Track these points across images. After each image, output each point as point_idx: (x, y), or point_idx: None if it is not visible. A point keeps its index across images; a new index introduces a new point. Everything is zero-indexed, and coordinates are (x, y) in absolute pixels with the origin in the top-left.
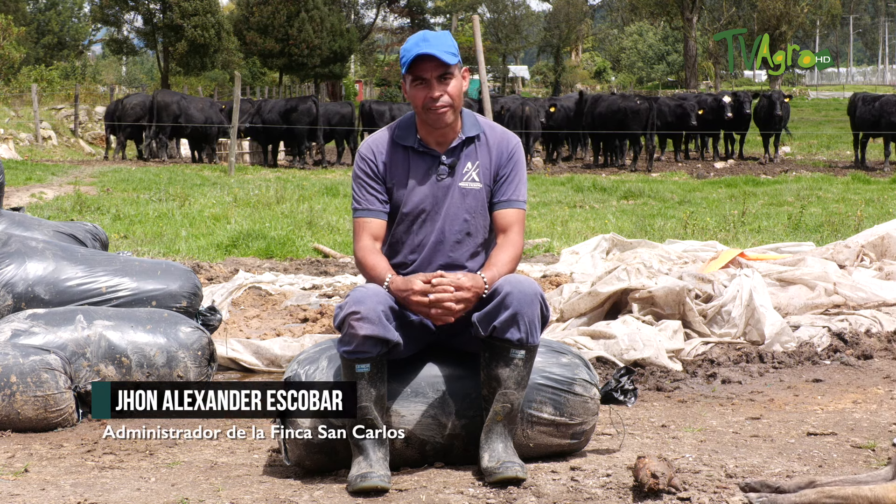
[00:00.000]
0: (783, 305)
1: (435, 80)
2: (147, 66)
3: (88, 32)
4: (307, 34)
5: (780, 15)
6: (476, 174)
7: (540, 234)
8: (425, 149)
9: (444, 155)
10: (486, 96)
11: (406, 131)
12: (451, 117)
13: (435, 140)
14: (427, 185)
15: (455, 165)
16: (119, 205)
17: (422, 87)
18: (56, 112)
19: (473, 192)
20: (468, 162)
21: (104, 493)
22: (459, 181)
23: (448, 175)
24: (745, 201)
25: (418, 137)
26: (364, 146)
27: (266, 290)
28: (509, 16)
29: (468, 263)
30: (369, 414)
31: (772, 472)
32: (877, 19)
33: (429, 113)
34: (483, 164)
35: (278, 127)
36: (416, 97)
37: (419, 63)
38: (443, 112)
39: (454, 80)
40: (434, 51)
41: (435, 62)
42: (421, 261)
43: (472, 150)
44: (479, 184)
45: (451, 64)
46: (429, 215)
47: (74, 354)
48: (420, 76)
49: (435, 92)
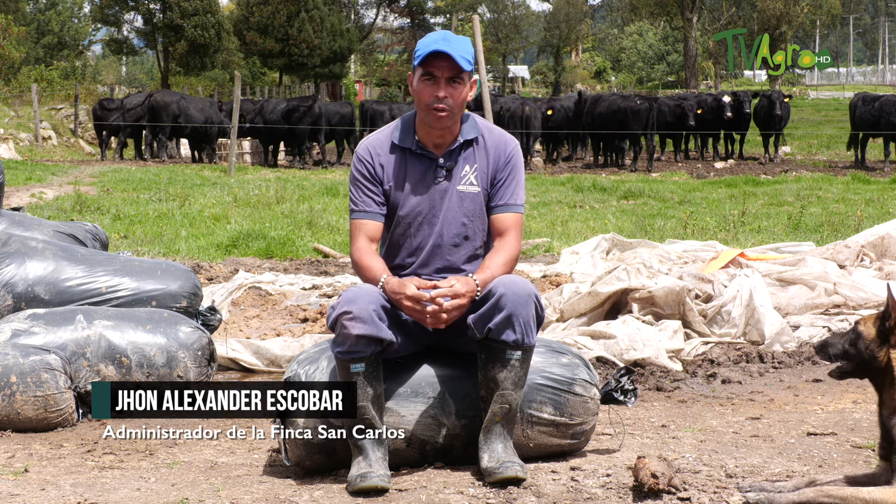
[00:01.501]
0: (783, 305)
1: (444, 80)
2: (147, 66)
3: (88, 32)
4: (307, 34)
5: (780, 15)
6: (474, 177)
7: (540, 234)
8: (423, 151)
9: (442, 158)
10: (486, 96)
11: (405, 132)
12: (449, 122)
13: (433, 142)
14: (424, 188)
15: (452, 169)
16: (119, 205)
17: (430, 84)
18: (56, 112)
19: (471, 195)
20: (466, 165)
21: (104, 493)
22: (457, 185)
23: (445, 178)
24: (745, 201)
25: (416, 139)
26: (362, 147)
27: (266, 290)
28: (509, 16)
29: (466, 266)
30: (367, 413)
31: (772, 472)
32: (877, 19)
33: (430, 112)
34: (481, 167)
35: (281, 127)
36: (423, 93)
37: (434, 60)
38: (443, 116)
39: (462, 87)
40: (452, 51)
41: (450, 62)
42: (419, 264)
43: (470, 153)
44: (476, 187)
45: (465, 70)
46: (426, 218)
47: (74, 354)
48: (431, 73)
49: (441, 92)
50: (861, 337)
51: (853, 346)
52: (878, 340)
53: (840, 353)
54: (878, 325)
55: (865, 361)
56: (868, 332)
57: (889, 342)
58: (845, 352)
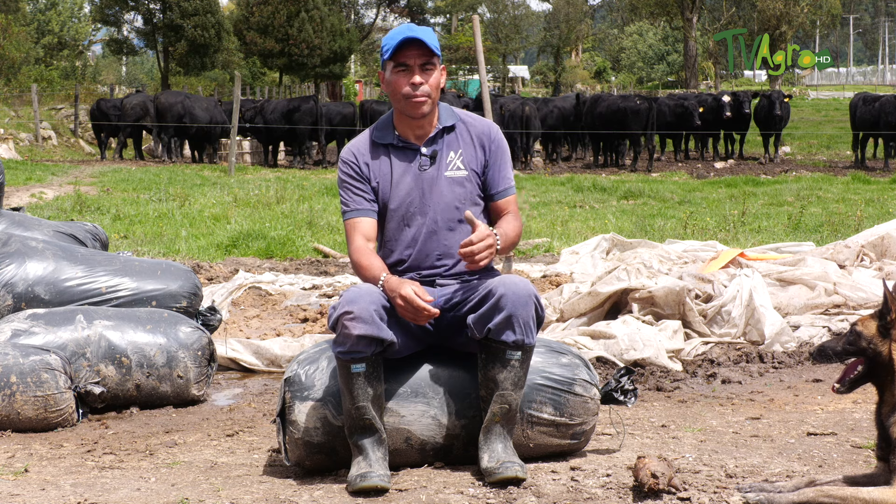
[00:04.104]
0: (783, 305)
1: (418, 67)
2: (147, 66)
3: (88, 32)
4: (307, 34)
5: (780, 15)
6: (461, 162)
7: (540, 234)
8: (405, 143)
9: (424, 146)
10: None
11: (384, 131)
12: (428, 109)
13: (413, 134)
14: (411, 178)
15: (436, 155)
16: (119, 205)
17: (404, 74)
18: (56, 112)
19: (460, 179)
20: (450, 151)
21: (104, 493)
22: (445, 171)
23: (431, 165)
24: (745, 201)
25: (396, 134)
26: (345, 151)
27: (266, 290)
28: (509, 16)
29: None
30: (367, 414)
31: (772, 472)
32: (877, 19)
33: (408, 102)
34: (466, 153)
35: (282, 127)
36: (398, 84)
37: (404, 49)
38: (421, 102)
39: (435, 73)
40: (421, 36)
41: (421, 49)
42: (417, 254)
43: (452, 138)
44: (464, 171)
45: (436, 54)
46: (418, 208)
47: (74, 354)
48: (404, 62)
49: (417, 78)
50: (862, 336)
51: (853, 346)
52: (880, 336)
53: (840, 352)
54: (877, 322)
55: (870, 360)
56: (868, 331)
57: (890, 336)
58: (845, 350)
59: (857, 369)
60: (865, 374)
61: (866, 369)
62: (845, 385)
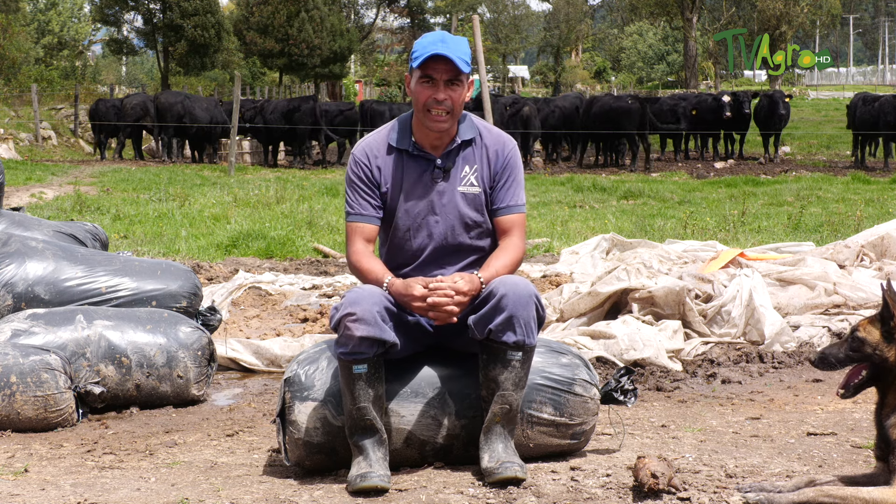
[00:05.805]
0: (783, 305)
1: (443, 82)
2: (147, 66)
3: (88, 32)
4: (307, 34)
5: (780, 15)
6: (474, 178)
7: (540, 234)
8: (420, 152)
9: (440, 159)
10: (486, 96)
11: (402, 134)
12: (447, 125)
13: (430, 143)
14: (422, 189)
15: (450, 169)
16: (119, 205)
17: (428, 87)
18: (56, 112)
19: (472, 196)
20: (466, 166)
21: (104, 493)
22: (458, 186)
23: (443, 179)
24: (745, 201)
25: (413, 140)
26: (358, 149)
27: (266, 290)
28: (509, 16)
29: (468, 269)
30: (368, 414)
31: (772, 472)
32: (877, 19)
33: (428, 115)
34: (481, 167)
35: (282, 127)
36: (421, 94)
37: (432, 62)
38: (442, 120)
39: (461, 89)
40: (451, 54)
41: (449, 65)
42: (421, 265)
43: (469, 153)
44: (477, 188)
45: (464, 72)
46: (426, 220)
47: (74, 354)
48: (429, 75)
49: (440, 94)
50: (866, 342)
51: (857, 352)
52: (885, 342)
53: (843, 359)
54: (880, 327)
55: (875, 365)
56: (872, 337)
57: (895, 341)
58: (848, 357)
59: (861, 374)
60: (870, 379)
61: (870, 374)
62: (850, 391)
